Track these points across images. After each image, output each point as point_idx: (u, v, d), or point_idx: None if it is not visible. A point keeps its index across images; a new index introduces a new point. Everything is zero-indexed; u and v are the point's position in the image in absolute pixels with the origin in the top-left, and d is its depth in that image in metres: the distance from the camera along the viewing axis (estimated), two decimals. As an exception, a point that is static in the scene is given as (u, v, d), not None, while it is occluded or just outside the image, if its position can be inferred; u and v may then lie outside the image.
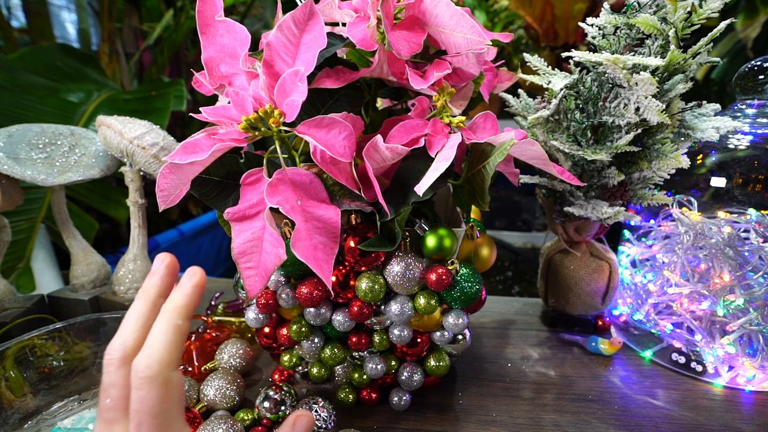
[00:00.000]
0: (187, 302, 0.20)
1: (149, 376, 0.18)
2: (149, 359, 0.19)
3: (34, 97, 0.99)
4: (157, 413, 0.18)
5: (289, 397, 0.42)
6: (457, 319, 0.40)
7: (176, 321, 0.19)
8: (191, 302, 0.20)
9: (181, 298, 0.20)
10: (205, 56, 0.34)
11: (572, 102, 0.48)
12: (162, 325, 0.19)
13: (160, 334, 0.19)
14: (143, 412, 0.18)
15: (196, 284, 0.20)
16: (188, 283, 0.20)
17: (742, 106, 0.52)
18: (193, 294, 0.20)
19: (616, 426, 0.41)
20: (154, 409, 0.18)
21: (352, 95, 0.38)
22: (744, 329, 0.46)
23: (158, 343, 0.19)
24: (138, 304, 0.21)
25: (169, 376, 0.19)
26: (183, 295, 0.20)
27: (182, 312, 0.20)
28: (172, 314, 0.20)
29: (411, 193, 0.34)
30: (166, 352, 0.19)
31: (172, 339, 0.19)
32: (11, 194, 0.53)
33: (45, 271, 0.98)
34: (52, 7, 1.53)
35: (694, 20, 0.41)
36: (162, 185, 0.32)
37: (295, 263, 0.38)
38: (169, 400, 0.19)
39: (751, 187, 0.48)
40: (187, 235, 1.50)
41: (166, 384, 0.19)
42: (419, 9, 0.36)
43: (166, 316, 0.20)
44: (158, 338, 0.19)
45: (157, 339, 0.19)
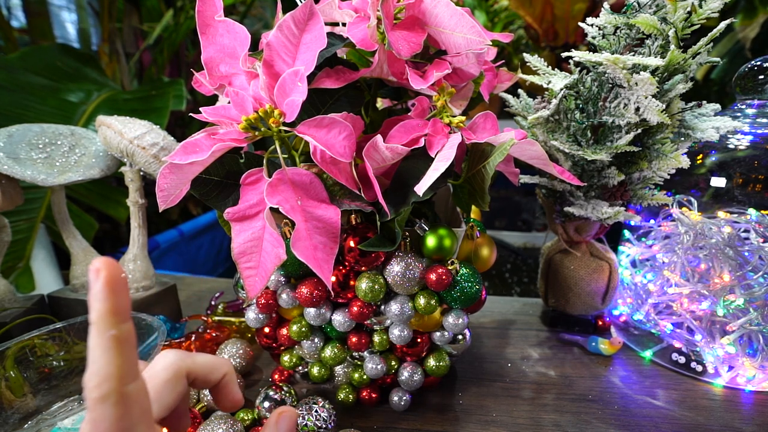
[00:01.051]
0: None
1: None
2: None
3: (34, 97, 0.98)
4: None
5: (289, 397, 0.42)
6: (457, 319, 0.40)
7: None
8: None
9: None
10: (205, 56, 0.34)
11: (572, 102, 0.48)
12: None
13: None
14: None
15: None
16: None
17: (742, 106, 0.52)
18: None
19: (616, 426, 0.41)
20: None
21: (352, 95, 0.38)
22: (744, 329, 0.46)
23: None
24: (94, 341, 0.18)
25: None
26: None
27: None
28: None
29: (411, 193, 0.34)
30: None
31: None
32: (11, 194, 0.53)
33: (45, 271, 0.98)
34: (52, 7, 1.53)
35: (694, 20, 0.41)
36: (162, 185, 0.32)
37: (295, 263, 0.38)
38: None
39: (751, 187, 0.48)
40: (187, 235, 1.50)
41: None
42: (419, 9, 0.36)
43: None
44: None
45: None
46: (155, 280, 0.61)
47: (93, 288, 0.17)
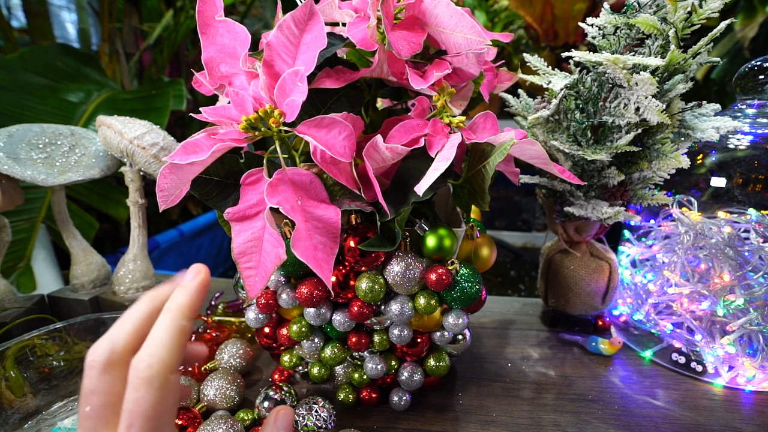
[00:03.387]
0: (192, 302, 0.19)
1: (148, 376, 0.17)
2: (150, 359, 0.18)
3: (34, 97, 0.99)
4: (150, 416, 0.17)
5: (289, 397, 0.42)
6: (457, 319, 0.40)
7: (180, 321, 0.18)
8: (195, 302, 0.19)
9: (185, 298, 0.19)
10: (205, 56, 0.34)
11: (572, 102, 0.48)
12: (165, 325, 0.18)
13: (162, 333, 0.18)
14: (137, 413, 0.17)
15: (201, 283, 0.20)
16: (193, 281, 0.19)
17: (742, 106, 0.52)
18: (197, 293, 0.19)
19: (616, 426, 0.41)
20: (148, 412, 0.17)
21: (352, 95, 0.38)
22: (744, 329, 0.46)
23: (160, 343, 0.18)
24: (140, 307, 0.20)
25: (168, 379, 0.18)
26: (187, 295, 0.19)
27: (186, 312, 0.19)
28: (176, 314, 0.19)
29: (411, 193, 0.34)
30: (168, 353, 0.18)
31: (174, 340, 0.18)
32: (11, 194, 0.53)
33: (45, 271, 0.98)
34: (52, 7, 1.53)
35: (694, 20, 0.41)
36: (162, 185, 0.32)
37: (295, 263, 0.38)
38: (165, 403, 0.18)
39: (751, 187, 0.48)
40: (187, 235, 1.50)
41: (165, 386, 0.18)
42: (419, 9, 0.36)
43: (169, 315, 0.19)
44: (161, 338, 0.18)
45: (159, 338, 0.18)
46: (155, 280, 0.61)
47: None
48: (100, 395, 0.18)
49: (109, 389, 0.18)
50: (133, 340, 0.19)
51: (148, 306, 0.20)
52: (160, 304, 0.20)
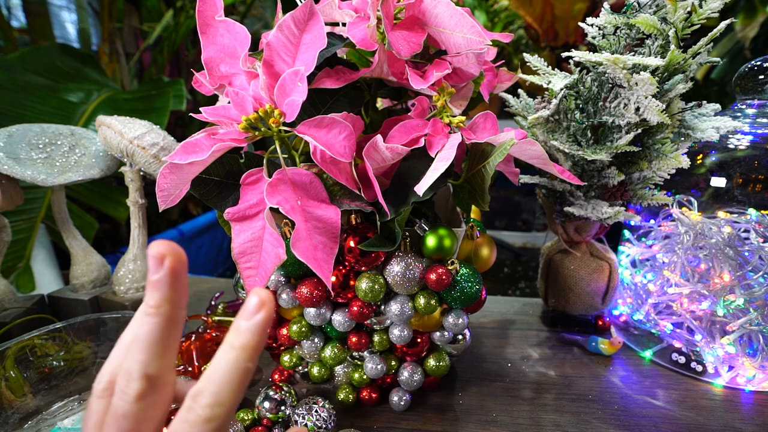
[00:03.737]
0: (259, 343, 0.17)
1: (210, 416, 0.16)
2: (214, 398, 0.17)
3: (34, 97, 0.99)
4: None
5: (289, 397, 0.42)
6: (457, 319, 0.40)
7: (246, 363, 0.17)
8: (262, 342, 0.18)
9: (252, 339, 0.17)
10: (205, 56, 0.34)
11: (572, 102, 0.48)
12: (231, 365, 0.17)
13: (228, 375, 0.17)
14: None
15: (267, 320, 0.17)
16: (259, 317, 0.17)
17: (742, 106, 0.52)
18: (264, 332, 0.17)
19: (616, 426, 0.41)
20: None
21: (352, 95, 0.38)
22: (744, 329, 0.46)
23: (226, 385, 0.17)
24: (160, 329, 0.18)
25: (226, 422, 0.17)
26: (254, 335, 0.17)
27: (252, 354, 0.17)
28: (242, 355, 0.17)
29: (411, 193, 0.34)
30: (232, 396, 0.17)
31: (240, 383, 0.17)
32: (11, 194, 0.53)
33: (45, 271, 0.98)
34: (52, 7, 1.53)
35: (694, 20, 0.41)
36: (162, 185, 0.32)
37: (295, 263, 0.38)
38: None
39: (751, 187, 0.48)
40: (187, 235, 1.50)
41: (223, 427, 0.17)
42: (419, 9, 0.36)
43: (234, 354, 0.17)
44: (226, 379, 0.17)
45: (224, 379, 0.17)
46: (155, 280, 0.61)
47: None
48: (132, 421, 0.17)
49: (142, 416, 0.17)
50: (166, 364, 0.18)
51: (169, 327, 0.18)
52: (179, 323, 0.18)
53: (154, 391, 0.17)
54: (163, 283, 0.17)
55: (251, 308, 0.17)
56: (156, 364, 0.17)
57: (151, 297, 0.17)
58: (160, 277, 0.17)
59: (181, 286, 0.18)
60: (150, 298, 0.17)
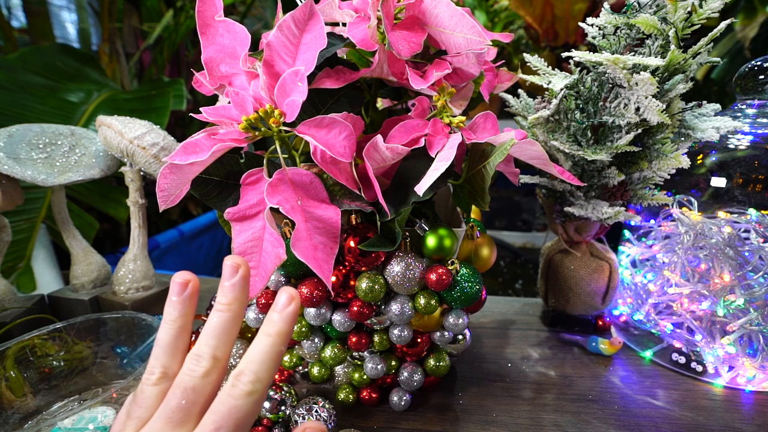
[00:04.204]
0: (290, 330, 0.21)
1: (251, 390, 0.19)
2: (255, 376, 0.20)
3: (34, 97, 0.99)
4: (241, 425, 0.19)
5: (289, 397, 0.42)
6: (457, 319, 0.40)
7: (280, 347, 0.21)
8: (292, 329, 0.21)
9: (285, 327, 0.21)
10: (205, 56, 0.34)
11: (572, 102, 0.48)
12: (268, 348, 0.20)
13: (265, 356, 0.20)
14: (230, 419, 0.19)
15: (296, 311, 0.21)
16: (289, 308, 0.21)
17: (742, 106, 0.52)
18: (293, 321, 0.21)
19: (616, 426, 0.41)
20: (240, 420, 0.19)
21: (352, 95, 0.38)
22: (744, 329, 0.46)
23: (264, 365, 0.20)
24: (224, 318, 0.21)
25: (264, 396, 0.20)
26: (286, 324, 0.21)
27: (285, 339, 0.21)
28: (277, 340, 0.21)
29: (411, 193, 0.34)
30: (269, 374, 0.20)
31: (275, 363, 0.20)
32: (11, 194, 0.53)
33: (45, 271, 0.98)
34: (52, 7, 1.53)
35: (694, 20, 0.41)
36: (162, 185, 0.32)
37: (295, 263, 0.38)
38: (254, 416, 0.20)
39: (751, 187, 0.48)
40: (187, 235, 1.50)
41: (260, 402, 0.20)
42: (419, 9, 0.36)
43: (270, 340, 0.21)
44: (264, 360, 0.20)
45: (262, 360, 0.20)
46: (155, 280, 0.61)
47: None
48: (197, 394, 0.20)
49: (205, 390, 0.20)
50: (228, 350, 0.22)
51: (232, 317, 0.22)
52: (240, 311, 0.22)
53: (216, 370, 0.21)
54: (236, 286, 0.22)
55: (283, 302, 0.21)
56: (222, 349, 0.21)
57: (225, 297, 0.22)
58: (234, 281, 0.22)
59: (247, 290, 0.22)
60: (223, 297, 0.22)
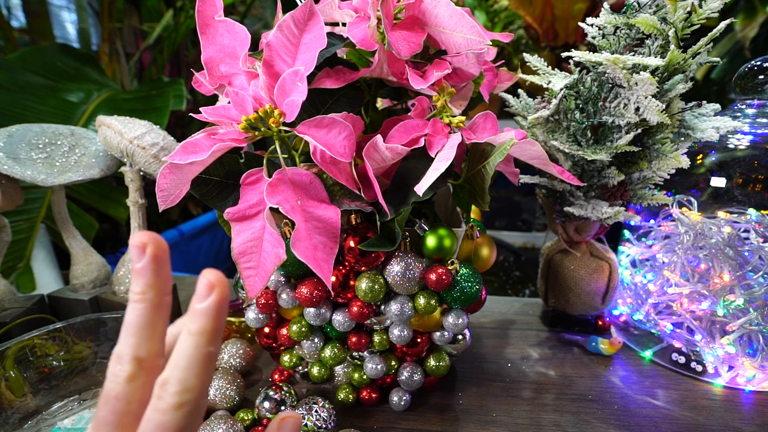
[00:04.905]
0: (216, 327, 0.17)
1: (179, 402, 0.17)
2: (181, 384, 0.17)
3: (34, 97, 0.99)
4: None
5: (289, 397, 0.42)
6: (457, 319, 0.40)
7: (207, 348, 0.17)
8: (219, 326, 0.18)
9: (208, 324, 0.17)
10: (205, 56, 0.34)
11: (572, 102, 0.48)
12: (192, 351, 0.17)
13: (191, 361, 0.17)
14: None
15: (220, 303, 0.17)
16: (209, 301, 0.17)
17: (742, 106, 0.52)
18: (219, 316, 0.17)
19: (616, 426, 0.41)
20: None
21: (352, 95, 0.38)
22: (744, 329, 0.46)
23: (190, 370, 0.17)
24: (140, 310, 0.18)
25: (198, 405, 0.17)
26: (210, 319, 0.17)
27: (212, 338, 0.17)
28: (201, 340, 0.17)
29: (411, 193, 0.34)
30: (199, 381, 0.17)
31: (204, 367, 0.17)
32: (11, 194, 0.53)
33: (45, 271, 0.98)
34: (52, 7, 1.53)
35: (694, 20, 0.41)
36: (162, 185, 0.32)
37: (295, 263, 0.38)
38: (192, 428, 0.17)
39: (751, 187, 0.48)
40: (187, 235, 1.50)
41: (195, 413, 0.17)
42: (419, 9, 0.36)
43: (193, 340, 0.17)
44: (189, 365, 0.17)
45: (187, 365, 0.17)
46: (155, 280, 0.61)
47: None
48: (123, 402, 0.18)
49: (132, 397, 0.18)
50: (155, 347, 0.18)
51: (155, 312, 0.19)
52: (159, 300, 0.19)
53: (143, 372, 0.18)
54: (146, 269, 0.18)
55: (202, 291, 0.17)
56: (145, 347, 0.18)
57: (137, 284, 0.18)
58: (143, 264, 0.18)
59: (164, 272, 0.18)
60: (135, 285, 0.18)
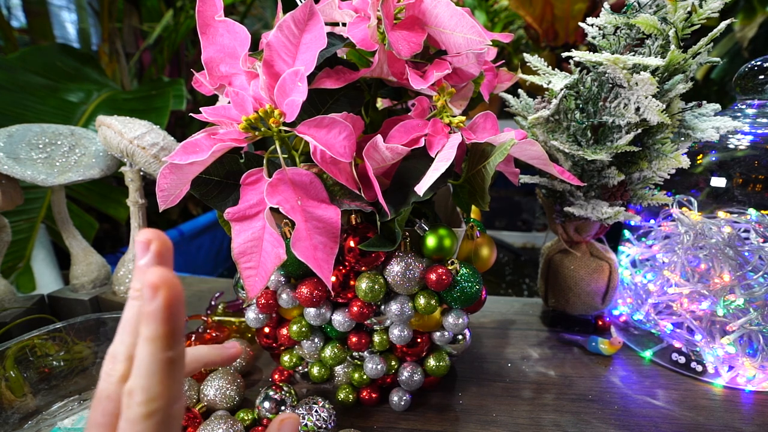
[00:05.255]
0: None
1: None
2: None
3: (34, 97, 0.99)
4: None
5: (289, 397, 0.42)
6: (457, 319, 0.40)
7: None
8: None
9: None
10: (205, 56, 0.34)
11: (572, 102, 0.48)
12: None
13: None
14: None
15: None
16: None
17: (742, 106, 0.52)
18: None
19: (616, 426, 0.41)
20: None
21: (352, 95, 0.38)
22: (744, 329, 0.46)
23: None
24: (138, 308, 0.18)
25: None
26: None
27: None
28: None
29: (411, 193, 0.34)
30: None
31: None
32: (11, 194, 0.53)
33: (45, 271, 0.98)
34: (52, 7, 1.53)
35: (694, 20, 0.41)
36: (162, 185, 0.32)
37: (295, 263, 0.38)
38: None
39: (751, 187, 0.48)
40: (187, 235, 1.50)
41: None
42: (419, 9, 0.36)
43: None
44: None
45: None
46: (155, 280, 0.61)
47: (150, 306, 0.16)
48: (115, 403, 0.17)
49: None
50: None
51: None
52: None
53: None
54: (148, 266, 0.17)
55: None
56: None
57: (138, 281, 0.17)
58: (146, 261, 0.17)
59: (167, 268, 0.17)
60: (136, 281, 0.17)
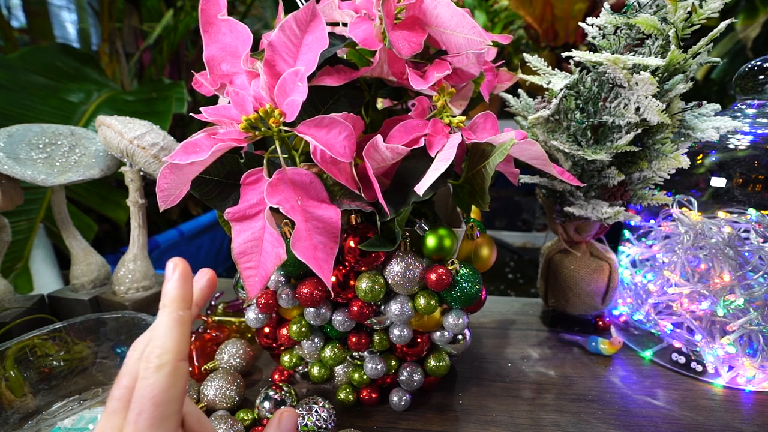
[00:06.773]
0: (181, 293, 0.21)
1: (158, 364, 0.19)
2: (159, 349, 0.19)
3: (34, 97, 0.99)
4: (159, 402, 0.18)
5: (289, 397, 0.42)
6: (457, 319, 0.40)
7: (177, 312, 0.20)
8: (184, 292, 0.21)
9: (173, 291, 0.21)
10: (207, 54, 0.34)
11: (572, 102, 0.48)
12: (165, 318, 0.20)
13: (165, 327, 0.20)
14: (146, 398, 0.18)
15: (182, 273, 0.21)
16: (174, 274, 0.21)
17: (742, 106, 0.52)
18: (183, 283, 0.21)
19: (616, 426, 0.41)
20: (157, 398, 0.18)
21: (352, 95, 0.38)
22: (744, 329, 0.46)
23: (165, 335, 0.20)
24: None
25: (177, 366, 0.19)
26: (174, 287, 0.21)
27: (180, 303, 0.21)
28: (171, 306, 0.20)
29: (411, 193, 0.34)
30: (174, 342, 0.19)
31: (177, 329, 0.20)
32: (11, 194, 0.53)
33: (44, 272, 0.98)
34: (52, 7, 1.53)
35: (694, 20, 0.41)
36: (162, 185, 0.32)
37: (295, 263, 0.38)
38: (174, 389, 0.19)
39: (751, 187, 0.48)
40: (187, 235, 1.50)
41: (174, 373, 0.19)
42: (420, 9, 0.36)
43: (166, 309, 0.20)
44: (164, 330, 0.20)
45: (163, 331, 0.20)
46: (155, 280, 0.61)
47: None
48: (131, 377, 0.20)
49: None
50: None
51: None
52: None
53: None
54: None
55: (168, 273, 0.22)
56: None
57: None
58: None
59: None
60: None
